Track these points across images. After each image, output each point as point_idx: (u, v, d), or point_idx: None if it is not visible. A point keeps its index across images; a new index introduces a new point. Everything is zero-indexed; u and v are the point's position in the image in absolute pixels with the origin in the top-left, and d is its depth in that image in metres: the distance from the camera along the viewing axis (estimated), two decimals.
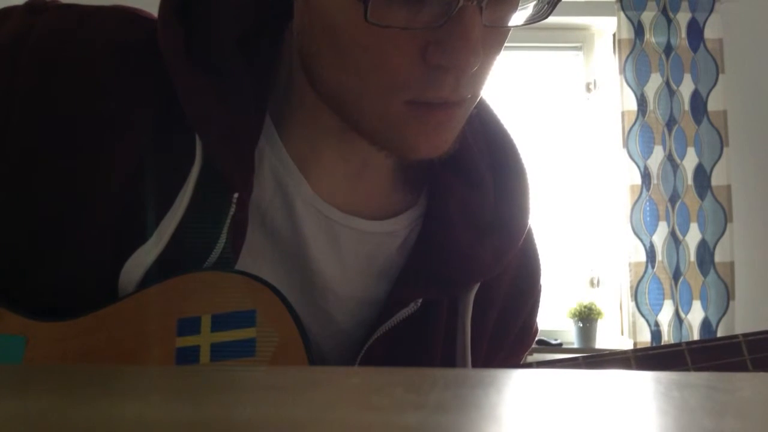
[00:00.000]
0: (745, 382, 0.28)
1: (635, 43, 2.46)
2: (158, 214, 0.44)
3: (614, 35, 2.56)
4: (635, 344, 2.32)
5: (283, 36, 0.51)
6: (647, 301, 2.36)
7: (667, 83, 2.44)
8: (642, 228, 2.38)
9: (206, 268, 0.44)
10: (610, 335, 2.51)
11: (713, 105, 2.42)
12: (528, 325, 0.60)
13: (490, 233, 0.53)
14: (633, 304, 2.36)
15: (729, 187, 2.39)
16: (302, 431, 0.17)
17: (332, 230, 0.50)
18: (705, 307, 2.36)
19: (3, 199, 0.45)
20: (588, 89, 2.67)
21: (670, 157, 2.41)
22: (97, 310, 0.43)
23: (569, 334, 2.48)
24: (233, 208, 0.45)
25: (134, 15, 0.50)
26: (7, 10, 0.49)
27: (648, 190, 2.39)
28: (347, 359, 0.50)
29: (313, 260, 0.49)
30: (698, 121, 2.41)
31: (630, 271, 2.38)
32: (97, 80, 0.46)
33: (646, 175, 2.39)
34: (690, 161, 2.41)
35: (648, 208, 2.39)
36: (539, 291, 0.61)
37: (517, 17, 0.43)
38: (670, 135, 2.42)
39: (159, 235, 0.44)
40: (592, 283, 2.59)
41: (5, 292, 0.45)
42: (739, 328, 2.28)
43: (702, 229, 2.38)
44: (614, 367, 0.48)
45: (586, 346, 2.38)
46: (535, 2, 0.43)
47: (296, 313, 0.43)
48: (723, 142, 2.40)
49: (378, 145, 0.46)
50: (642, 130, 2.41)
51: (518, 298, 0.58)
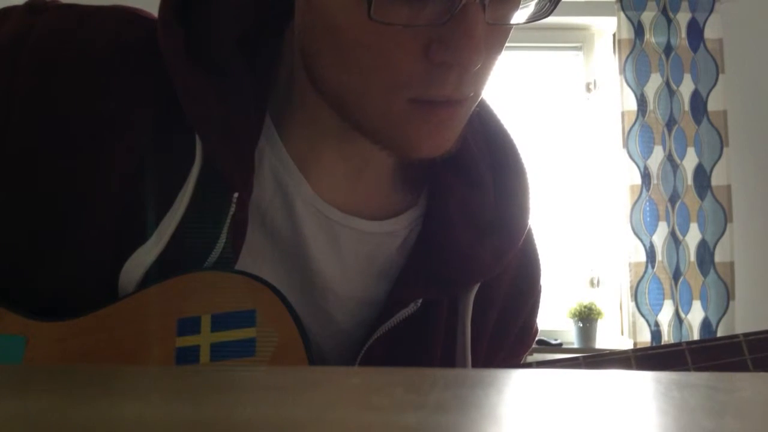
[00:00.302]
0: (745, 382, 0.28)
1: (635, 43, 2.46)
2: (158, 214, 0.44)
3: (614, 35, 2.56)
4: (635, 344, 2.32)
5: (284, 36, 0.51)
6: (647, 301, 2.36)
7: (667, 83, 2.44)
8: (642, 228, 2.38)
9: (206, 268, 0.44)
10: (610, 335, 2.51)
11: (713, 105, 2.42)
12: (528, 326, 0.61)
13: (490, 233, 0.53)
14: (633, 304, 2.36)
15: (729, 187, 2.39)
16: (302, 431, 0.17)
17: (332, 230, 0.50)
18: (705, 307, 2.36)
19: (3, 199, 0.45)
20: (588, 89, 2.67)
21: (670, 157, 2.41)
22: (97, 310, 0.43)
23: (569, 334, 2.48)
24: (233, 208, 0.45)
25: (134, 15, 0.50)
26: (7, 10, 0.49)
27: (648, 190, 2.39)
28: (347, 359, 0.50)
29: (313, 260, 0.49)
30: (698, 121, 2.41)
31: (630, 271, 2.38)
32: (96, 80, 0.46)
33: (646, 175, 2.39)
34: (690, 161, 2.40)
35: (648, 208, 2.39)
36: (539, 291, 0.61)
37: (519, 15, 0.43)
38: (670, 135, 2.41)
39: (159, 235, 0.44)
40: (592, 283, 2.59)
41: (5, 292, 0.45)
42: (739, 328, 2.28)
43: (702, 229, 2.38)
44: (614, 367, 0.48)
45: (586, 346, 2.38)
46: (536, 0, 0.43)
47: (296, 313, 0.43)
48: (723, 142, 2.40)
49: (380, 144, 0.46)
50: (642, 130, 2.41)
51: (518, 299, 0.58)
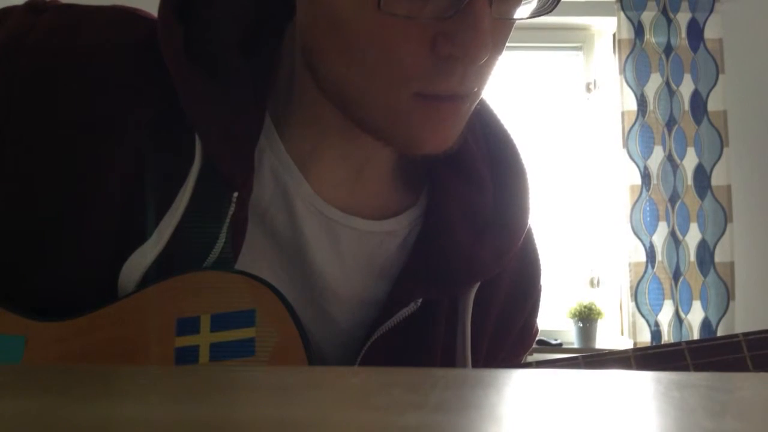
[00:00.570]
0: (745, 382, 0.28)
1: (635, 43, 2.46)
2: (158, 214, 0.44)
3: (614, 35, 2.56)
4: (635, 344, 2.31)
5: (284, 35, 0.51)
6: (647, 301, 2.36)
7: (667, 83, 2.44)
8: (642, 228, 2.38)
9: (206, 268, 0.44)
10: (610, 335, 2.51)
11: (713, 105, 2.42)
12: (528, 326, 0.61)
13: (490, 232, 0.53)
14: (633, 304, 2.36)
15: (729, 187, 2.39)
16: (302, 431, 0.17)
17: (332, 230, 0.50)
18: (705, 307, 2.36)
19: (3, 199, 0.45)
20: (588, 89, 2.67)
21: (670, 157, 2.41)
22: (97, 310, 0.43)
23: (569, 334, 2.48)
24: (233, 208, 0.45)
25: (134, 15, 0.50)
26: (7, 9, 0.49)
27: (648, 190, 2.39)
28: (347, 359, 0.50)
29: (313, 260, 0.49)
30: (698, 121, 2.41)
31: (630, 271, 2.38)
32: (96, 80, 0.46)
33: (646, 175, 2.39)
34: (690, 161, 2.40)
35: (648, 208, 2.39)
36: (539, 291, 0.61)
37: (523, 11, 0.44)
38: (670, 135, 2.41)
39: (159, 235, 0.44)
40: (592, 283, 2.59)
41: (4, 292, 0.45)
42: (739, 328, 2.28)
43: (702, 229, 2.38)
44: (614, 366, 0.48)
45: (586, 346, 2.38)
46: None
47: (296, 313, 0.43)
48: (723, 142, 2.40)
49: (383, 140, 0.46)
50: (642, 130, 2.41)
51: (518, 299, 0.58)
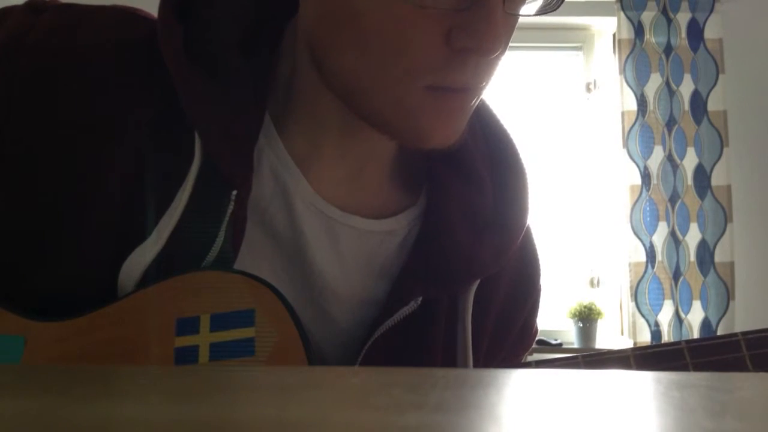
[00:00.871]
0: (745, 382, 0.28)
1: (635, 43, 2.46)
2: (157, 213, 0.45)
3: (614, 35, 2.56)
4: (635, 344, 2.31)
5: (284, 34, 0.51)
6: (647, 301, 2.36)
7: (667, 83, 2.44)
8: (642, 228, 2.38)
9: (205, 267, 0.44)
10: (610, 335, 2.51)
11: (713, 105, 2.42)
12: (528, 326, 0.61)
13: (489, 231, 0.53)
14: (633, 304, 2.36)
15: (729, 187, 2.39)
16: (302, 431, 0.17)
17: (332, 229, 0.50)
18: (705, 307, 2.36)
19: (3, 199, 0.45)
20: (588, 89, 2.67)
21: (670, 157, 2.41)
22: (96, 309, 0.43)
23: (569, 334, 2.47)
24: (232, 207, 0.45)
25: (134, 15, 0.50)
26: (6, 9, 0.49)
27: (648, 190, 2.39)
28: (348, 359, 0.50)
29: (312, 259, 0.49)
30: (698, 121, 2.41)
31: (630, 271, 2.38)
32: (96, 80, 0.46)
33: (646, 175, 2.39)
34: (690, 161, 2.40)
35: (648, 208, 2.39)
36: (539, 291, 0.61)
37: (529, 9, 0.45)
38: (670, 135, 2.41)
39: (158, 234, 0.44)
40: (592, 283, 2.58)
41: (4, 292, 0.45)
42: (739, 328, 2.27)
43: (702, 229, 2.38)
44: (613, 365, 0.48)
45: (586, 346, 2.38)
46: None
47: (295, 313, 0.43)
48: (723, 142, 2.40)
49: (389, 134, 0.47)
50: (642, 130, 2.41)
51: (518, 298, 0.58)
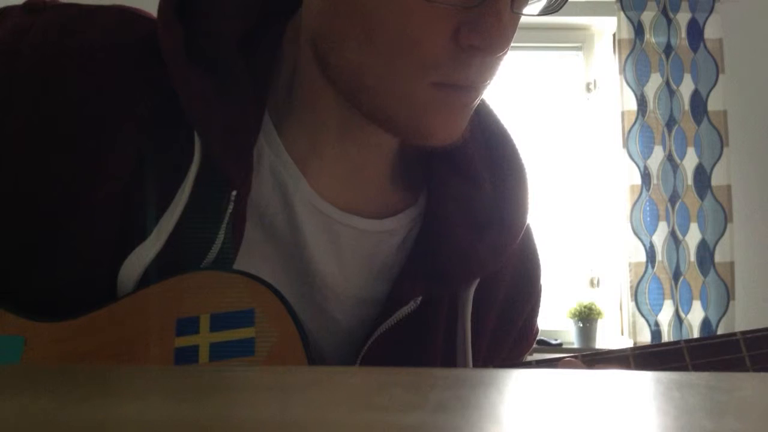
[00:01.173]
0: (745, 382, 0.28)
1: (635, 43, 2.45)
2: (157, 213, 0.45)
3: (614, 35, 2.56)
4: (635, 344, 2.30)
5: (284, 34, 0.51)
6: (647, 301, 2.36)
7: (667, 83, 2.44)
8: (642, 228, 2.38)
9: (205, 267, 0.44)
10: (610, 335, 2.51)
11: (713, 105, 2.42)
12: (528, 326, 0.61)
13: (489, 230, 0.53)
14: (633, 304, 2.36)
15: (729, 187, 2.39)
16: (302, 431, 0.17)
17: (332, 229, 0.50)
18: (705, 307, 2.36)
19: (2, 198, 0.45)
20: (588, 89, 2.67)
21: (670, 157, 2.41)
22: (96, 310, 0.43)
23: (569, 334, 2.47)
24: (231, 206, 0.45)
25: (133, 14, 0.50)
26: (6, 9, 0.49)
27: (648, 190, 2.39)
28: (347, 359, 0.50)
29: (312, 259, 0.49)
30: (698, 121, 2.41)
31: (630, 271, 2.37)
32: (95, 80, 0.46)
33: (646, 175, 2.39)
34: (690, 161, 2.40)
35: (648, 208, 2.39)
36: (539, 291, 0.61)
37: (532, 9, 0.45)
38: (670, 135, 2.41)
39: (158, 233, 0.44)
40: (592, 283, 2.58)
41: (4, 293, 0.45)
42: (739, 328, 2.26)
43: (702, 229, 2.38)
44: (613, 365, 0.48)
45: (586, 346, 2.38)
46: None
47: (295, 313, 0.43)
48: (723, 142, 2.40)
49: (392, 130, 0.47)
50: (642, 130, 2.41)
51: (518, 299, 0.58)
